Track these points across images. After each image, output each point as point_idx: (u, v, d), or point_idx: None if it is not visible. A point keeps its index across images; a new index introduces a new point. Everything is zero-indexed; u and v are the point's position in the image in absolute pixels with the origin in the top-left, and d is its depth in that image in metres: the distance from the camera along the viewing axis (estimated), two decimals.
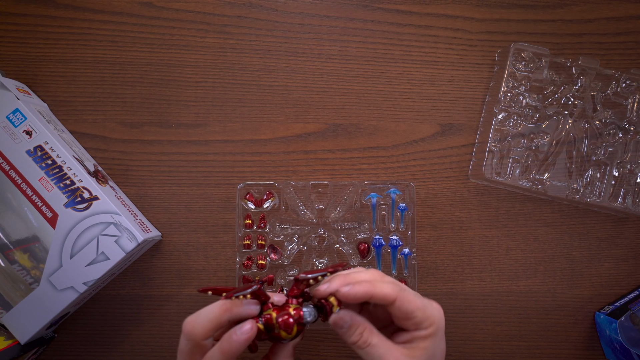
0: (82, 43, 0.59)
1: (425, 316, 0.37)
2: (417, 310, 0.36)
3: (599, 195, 0.57)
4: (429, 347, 0.37)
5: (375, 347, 0.36)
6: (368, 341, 0.36)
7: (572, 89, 0.58)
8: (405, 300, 0.36)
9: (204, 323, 0.35)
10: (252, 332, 0.35)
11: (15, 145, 0.52)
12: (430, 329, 0.37)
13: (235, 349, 0.35)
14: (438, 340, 0.37)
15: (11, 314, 0.51)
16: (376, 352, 0.36)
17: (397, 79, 0.61)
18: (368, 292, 0.36)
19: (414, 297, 0.37)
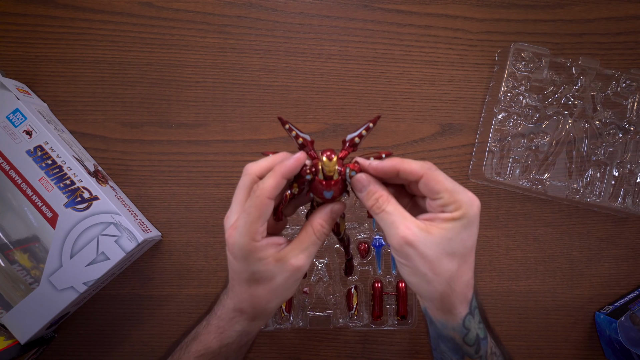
0: (82, 43, 0.59)
1: (452, 199, 0.35)
2: (444, 191, 0.35)
3: (599, 195, 0.57)
4: (447, 230, 0.35)
5: (389, 214, 0.36)
6: (382, 207, 0.36)
7: (572, 89, 0.58)
8: (432, 178, 0.35)
9: (260, 163, 0.38)
10: (303, 157, 0.36)
11: (15, 145, 0.52)
12: (455, 213, 0.35)
13: (287, 171, 0.36)
14: (462, 229, 0.35)
15: (11, 314, 0.51)
16: (389, 219, 0.36)
17: (397, 79, 0.61)
18: (395, 165, 0.36)
19: (443, 179, 0.35)
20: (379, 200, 0.37)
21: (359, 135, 0.38)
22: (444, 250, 0.35)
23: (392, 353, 0.59)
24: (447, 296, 0.36)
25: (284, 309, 0.56)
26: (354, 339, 0.59)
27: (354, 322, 0.56)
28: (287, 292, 0.39)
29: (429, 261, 0.35)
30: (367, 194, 0.37)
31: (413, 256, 0.35)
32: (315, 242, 0.38)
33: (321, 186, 0.37)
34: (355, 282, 0.57)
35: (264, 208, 0.36)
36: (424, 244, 0.34)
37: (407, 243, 0.35)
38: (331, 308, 0.56)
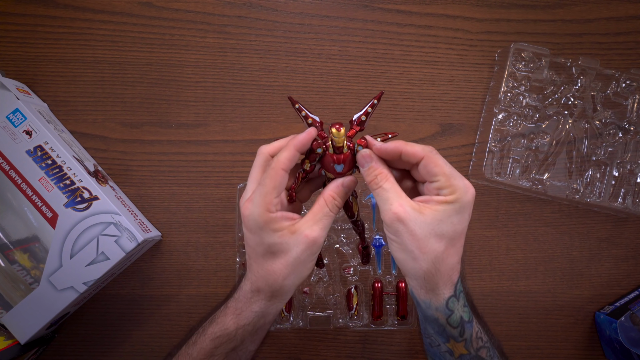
0: (82, 43, 0.59)
1: (448, 183, 0.37)
2: (442, 174, 0.37)
3: (599, 195, 0.57)
4: (438, 212, 0.36)
5: (385, 190, 0.38)
6: (380, 183, 0.38)
7: (572, 89, 0.58)
8: (431, 161, 0.37)
9: (273, 144, 0.40)
10: (314, 131, 0.38)
11: (15, 145, 0.52)
12: (449, 196, 0.36)
13: (300, 143, 0.38)
14: (454, 213, 0.37)
15: (11, 314, 0.51)
16: (384, 195, 0.38)
17: (397, 79, 0.61)
18: (398, 147, 0.38)
19: (442, 163, 0.37)
20: (378, 177, 0.38)
21: (365, 113, 0.40)
22: (433, 230, 0.36)
23: (392, 353, 0.59)
24: (431, 275, 0.37)
25: (284, 309, 0.56)
26: (354, 339, 0.59)
27: (354, 322, 0.56)
28: (303, 268, 0.39)
29: (417, 239, 0.36)
30: (368, 169, 0.39)
31: (402, 232, 0.36)
32: (328, 214, 0.39)
33: (332, 160, 0.39)
34: (355, 282, 0.57)
35: (279, 179, 0.37)
36: (414, 222, 0.36)
37: (398, 219, 0.36)
38: (331, 308, 0.56)
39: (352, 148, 0.39)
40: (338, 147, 0.39)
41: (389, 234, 0.38)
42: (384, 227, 0.39)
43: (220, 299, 0.58)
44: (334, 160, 0.39)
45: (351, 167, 0.40)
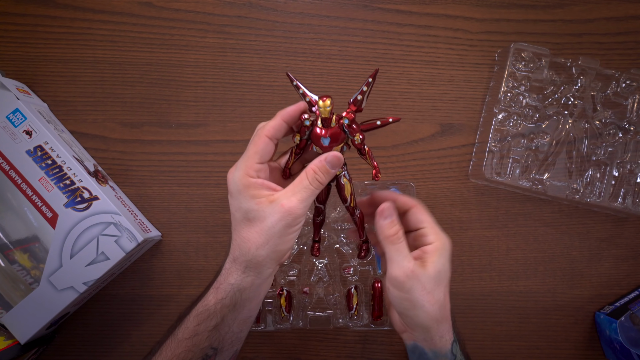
0: (82, 43, 0.59)
1: (433, 231, 0.42)
2: (427, 222, 0.42)
3: (599, 195, 0.57)
4: (436, 262, 0.40)
5: (404, 246, 0.40)
6: (401, 239, 0.41)
7: (572, 89, 0.58)
8: (420, 210, 0.43)
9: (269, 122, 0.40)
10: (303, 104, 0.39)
11: (15, 145, 0.52)
12: (436, 243, 0.41)
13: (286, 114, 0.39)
14: (443, 259, 0.41)
15: (11, 314, 0.51)
16: (403, 251, 0.40)
17: (397, 79, 0.61)
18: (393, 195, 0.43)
19: (428, 214, 0.43)
20: (399, 232, 0.41)
21: (360, 93, 0.40)
22: (436, 282, 0.40)
23: (392, 353, 0.59)
24: (439, 323, 0.41)
25: (284, 309, 0.56)
26: (354, 339, 0.59)
27: (354, 322, 0.56)
28: (278, 241, 0.38)
29: (427, 292, 0.40)
30: (390, 222, 0.41)
31: (415, 289, 0.39)
32: (307, 187, 0.38)
33: (319, 133, 0.39)
34: (355, 282, 0.57)
35: (261, 144, 0.39)
36: (423, 277, 0.40)
37: (414, 276, 0.39)
38: (331, 308, 0.56)
39: (341, 125, 0.39)
40: (325, 120, 0.39)
41: (400, 293, 0.40)
42: (392, 285, 0.40)
43: None
44: (321, 134, 0.39)
45: (339, 140, 0.40)
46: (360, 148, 0.40)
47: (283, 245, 0.39)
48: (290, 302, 0.56)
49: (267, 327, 0.56)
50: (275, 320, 0.56)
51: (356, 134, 0.40)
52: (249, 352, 0.58)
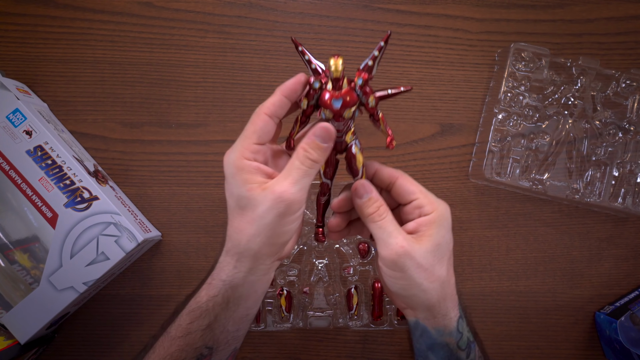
0: (82, 43, 0.59)
1: (427, 201, 0.37)
2: (419, 192, 0.37)
3: (599, 195, 0.57)
4: (433, 235, 0.36)
5: (389, 222, 0.36)
6: (383, 215, 0.36)
7: (572, 89, 0.58)
8: (407, 180, 0.38)
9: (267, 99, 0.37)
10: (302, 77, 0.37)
11: (15, 145, 0.52)
12: (433, 214, 0.36)
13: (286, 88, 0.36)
14: (443, 230, 0.36)
15: (11, 314, 0.51)
16: (388, 228, 0.36)
17: (397, 79, 0.61)
18: (374, 164, 0.38)
19: (416, 183, 0.38)
20: (381, 209, 0.36)
21: (372, 58, 0.36)
22: (435, 256, 0.36)
23: (392, 353, 0.59)
24: (443, 301, 0.37)
25: (284, 309, 0.56)
26: (354, 339, 0.59)
27: (354, 322, 0.56)
28: (270, 232, 0.35)
29: (424, 269, 0.35)
30: (368, 201, 0.37)
31: (409, 267, 0.35)
32: (299, 167, 0.34)
33: (329, 94, 0.35)
34: (355, 282, 0.57)
35: (260, 123, 0.35)
36: (418, 254, 0.35)
37: (406, 253, 0.35)
38: (331, 308, 0.56)
39: (354, 86, 0.36)
40: (336, 80, 0.35)
41: (393, 273, 0.36)
42: (384, 265, 0.36)
43: None
44: (332, 95, 0.35)
45: (350, 104, 0.36)
46: (374, 112, 0.37)
47: (278, 238, 0.35)
48: (290, 302, 0.56)
49: (267, 327, 0.56)
50: (275, 320, 0.56)
51: (370, 96, 0.36)
52: (249, 352, 0.58)
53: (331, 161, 0.39)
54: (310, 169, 0.35)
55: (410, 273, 0.35)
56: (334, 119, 0.36)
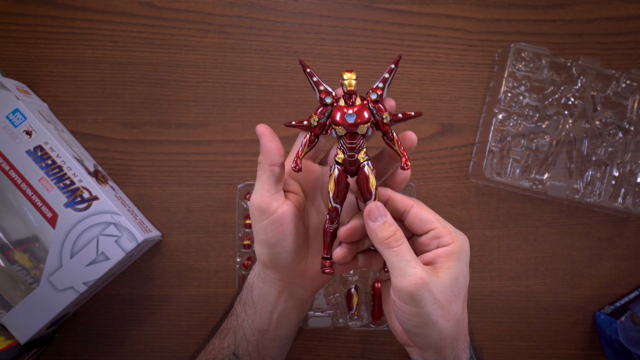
0: (82, 43, 0.59)
1: (446, 230, 0.35)
2: (437, 221, 0.35)
3: (599, 195, 0.57)
4: (452, 268, 0.34)
5: (407, 249, 0.33)
6: (401, 240, 0.33)
7: (572, 89, 0.58)
8: (423, 208, 0.36)
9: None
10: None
11: (15, 145, 0.52)
12: (453, 245, 0.34)
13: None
14: (462, 263, 0.34)
15: (11, 314, 0.51)
16: (406, 255, 0.33)
17: (397, 79, 0.60)
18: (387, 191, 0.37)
19: (433, 212, 0.36)
20: (397, 233, 0.34)
21: (383, 80, 0.36)
22: (453, 292, 0.33)
23: (392, 353, 0.58)
24: (455, 342, 0.34)
25: None
26: (354, 339, 0.59)
27: (354, 322, 0.56)
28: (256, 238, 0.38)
29: (441, 306, 0.33)
30: (383, 224, 0.34)
31: (427, 301, 0.32)
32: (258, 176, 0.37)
33: (343, 109, 0.35)
34: (355, 282, 0.57)
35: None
36: (436, 287, 0.32)
37: (424, 285, 0.32)
38: (331, 308, 0.56)
39: (368, 101, 0.36)
40: (349, 94, 0.35)
41: (407, 308, 0.33)
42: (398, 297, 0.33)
43: (220, 299, 0.59)
44: (345, 109, 0.35)
45: (366, 119, 0.35)
46: (388, 131, 0.36)
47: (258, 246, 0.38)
48: None
49: None
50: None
51: (384, 113, 0.35)
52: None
53: (342, 183, 0.36)
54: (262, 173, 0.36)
55: (426, 309, 0.32)
56: (347, 137, 0.35)
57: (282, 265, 0.39)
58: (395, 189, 0.38)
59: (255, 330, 0.40)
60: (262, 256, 0.39)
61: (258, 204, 0.36)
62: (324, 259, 0.37)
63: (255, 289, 0.41)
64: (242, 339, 0.40)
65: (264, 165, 0.36)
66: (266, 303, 0.40)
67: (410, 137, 0.37)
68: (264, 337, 0.41)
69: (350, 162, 0.36)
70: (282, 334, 0.42)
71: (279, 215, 0.36)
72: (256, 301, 0.41)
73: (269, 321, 0.41)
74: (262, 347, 0.41)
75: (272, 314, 0.41)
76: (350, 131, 0.35)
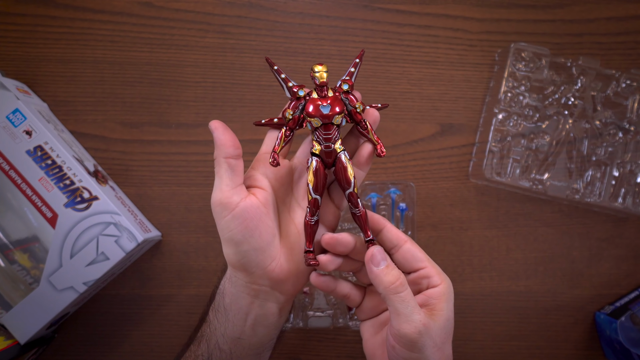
0: (82, 43, 0.59)
1: (435, 270, 0.35)
2: (427, 260, 0.36)
3: (599, 195, 0.57)
4: (444, 310, 0.34)
5: (411, 295, 0.33)
6: (405, 285, 0.33)
7: (572, 89, 0.58)
8: (415, 246, 0.36)
9: None
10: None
11: (15, 145, 0.52)
12: (442, 286, 0.35)
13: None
14: (451, 304, 0.35)
15: (11, 314, 0.51)
16: (411, 301, 0.33)
17: (397, 79, 0.61)
18: (382, 221, 0.37)
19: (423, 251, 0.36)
20: (401, 278, 0.33)
21: (349, 74, 0.38)
22: (446, 333, 0.34)
23: None
24: None
25: None
26: (354, 339, 0.59)
27: (354, 322, 0.56)
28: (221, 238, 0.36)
29: (438, 349, 0.33)
30: (387, 268, 0.34)
31: (428, 346, 0.32)
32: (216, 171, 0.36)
33: (316, 101, 0.36)
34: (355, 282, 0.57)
35: None
36: (434, 331, 0.33)
37: (427, 330, 0.32)
38: (331, 308, 0.56)
39: (340, 92, 0.37)
40: (321, 86, 0.36)
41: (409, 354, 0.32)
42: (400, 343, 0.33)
43: None
44: (319, 101, 0.36)
45: (340, 108, 0.36)
46: (360, 120, 0.37)
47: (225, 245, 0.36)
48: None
49: None
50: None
51: (357, 103, 0.36)
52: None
53: (320, 174, 0.37)
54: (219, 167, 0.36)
55: (427, 353, 0.32)
56: (322, 128, 0.36)
57: (252, 266, 0.36)
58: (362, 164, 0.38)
59: (228, 339, 0.38)
60: (229, 257, 0.37)
61: (218, 200, 0.36)
62: (307, 252, 0.37)
63: (227, 294, 0.38)
64: (214, 347, 0.38)
65: (220, 159, 0.36)
66: (239, 309, 0.38)
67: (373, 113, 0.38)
68: (237, 345, 0.39)
69: (327, 152, 0.37)
70: (258, 342, 0.39)
71: (241, 209, 0.35)
72: (228, 308, 0.38)
73: (242, 328, 0.38)
74: (237, 356, 0.39)
75: (245, 321, 0.38)
76: (325, 122, 0.36)
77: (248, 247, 0.36)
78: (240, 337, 0.38)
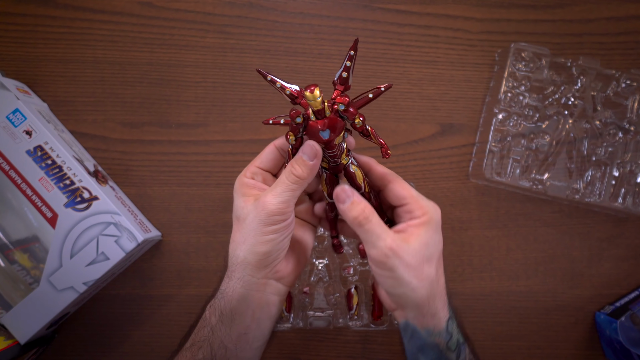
0: (82, 43, 0.59)
1: (418, 205, 0.38)
2: (409, 197, 0.38)
3: (599, 195, 0.57)
4: (422, 235, 0.37)
5: (376, 224, 0.36)
6: (369, 217, 0.36)
7: (572, 89, 0.58)
8: (399, 185, 0.39)
9: None
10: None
11: (15, 145, 0.52)
12: (423, 217, 0.37)
13: None
14: (432, 231, 0.37)
15: (11, 314, 0.51)
16: (375, 230, 0.36)
17: (397, 79, 0.61)
18: (369, 162, 0.40)
19: (408, 187, 0.39)
20: (366, 210, 0.37)
21: (345, 69, 0.37)
22: (424, 256, 0.37)
23: (392, 353, 0.59)
24: (432, 300, 0.37)
25: (285, 309, 0.56)
26: (354, 339, 0.59)
27: (354, 322, 0.56)
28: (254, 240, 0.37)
29: (413, 268, 0.36)
30: (352, 204, 0.37)
31: (398, 266, 0.36)
32: (284, 182, 0.37)
33: (315, 126, 0.36)
34: (355, 282, 0.57)
35: (266, 151, 0.40)
36: (407, 253, 0.36)
37: (394, 253, 0.35)
38: (331, 308, 0.56)
39: (336, 110, 0.35)
40: (318, 111, 0.35)
41: (382, 272, 0.37)
42: (375, 265, 0.37)
43: None
44: (318, 127, 0.35)
45: (338, 130, 0.36)
46: (363, 130, 0.37)
47: (260, 247, 0.37)
48: (290, 302, 0.56)
49: None
50: None
51: (355, 117, 0.36)
52: None
53: (332, 182, 0.39)
54: (293, 184, 0.37)
55: (399, 272, 0.36)
56: (326, 148, 0.37)
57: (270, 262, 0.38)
58: None
59: (234, 336, 0.39)
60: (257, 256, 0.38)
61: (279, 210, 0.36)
62: (333, 238, 0.44)
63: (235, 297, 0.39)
64: (219, 347, 0.39)
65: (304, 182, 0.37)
66: (247, 307, 0.39)
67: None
68: (242, 340, 0.40)
69: (334, 167, 0.39)
70: (261, 334, 0.41)
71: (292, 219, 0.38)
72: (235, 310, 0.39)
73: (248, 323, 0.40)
74: (242, 350, 0.40)
75: (252, 317, 0.40)
76: (328, 144, 0.37)
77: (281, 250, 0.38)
78: (246, 332, 0.40)
